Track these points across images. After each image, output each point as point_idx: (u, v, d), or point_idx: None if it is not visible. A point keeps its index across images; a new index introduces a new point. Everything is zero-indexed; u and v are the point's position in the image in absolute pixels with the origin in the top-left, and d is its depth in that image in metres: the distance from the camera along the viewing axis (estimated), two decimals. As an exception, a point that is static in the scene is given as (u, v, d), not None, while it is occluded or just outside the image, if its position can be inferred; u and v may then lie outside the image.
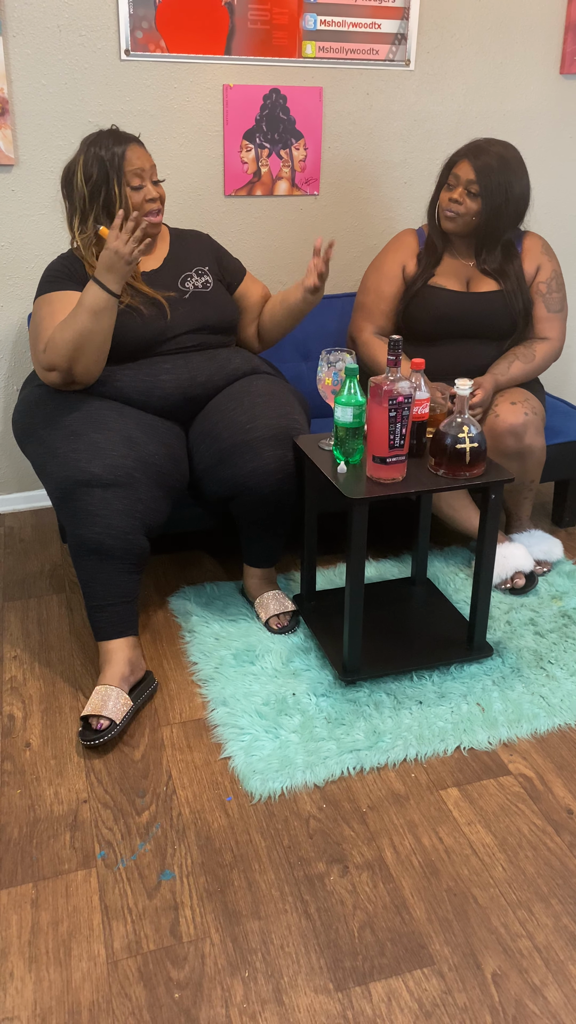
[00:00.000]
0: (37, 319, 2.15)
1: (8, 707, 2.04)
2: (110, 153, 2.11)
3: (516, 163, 2.39)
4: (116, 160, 2.11)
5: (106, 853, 1.66)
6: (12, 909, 1.55)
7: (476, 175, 2.36)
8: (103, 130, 2.17)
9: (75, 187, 2.14)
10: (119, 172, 2.11)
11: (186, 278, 2.27)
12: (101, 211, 2.14)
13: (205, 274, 2.30)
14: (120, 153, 2.11)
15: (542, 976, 1.44)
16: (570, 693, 2.08)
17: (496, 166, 2.36)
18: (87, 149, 2.13)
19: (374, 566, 2.60)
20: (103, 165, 2.11)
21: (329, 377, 2.03)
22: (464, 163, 2.38)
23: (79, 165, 2.13)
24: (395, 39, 2.79)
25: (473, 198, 2.39)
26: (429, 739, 1.93)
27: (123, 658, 2.02)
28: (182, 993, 1.41)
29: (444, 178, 2.46)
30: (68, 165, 2.18)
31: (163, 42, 2.58)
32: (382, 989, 1.42)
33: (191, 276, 2.28)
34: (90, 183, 2.12)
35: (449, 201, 2.42)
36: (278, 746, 1.90)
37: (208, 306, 2.26)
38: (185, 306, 2.23)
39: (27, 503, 2.99)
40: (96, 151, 2.12)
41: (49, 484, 2.04)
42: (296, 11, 2.67)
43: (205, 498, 2.25)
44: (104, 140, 2.13)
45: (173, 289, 2.24)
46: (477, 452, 1.94)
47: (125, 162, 2.11)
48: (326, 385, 2.05)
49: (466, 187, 2.38)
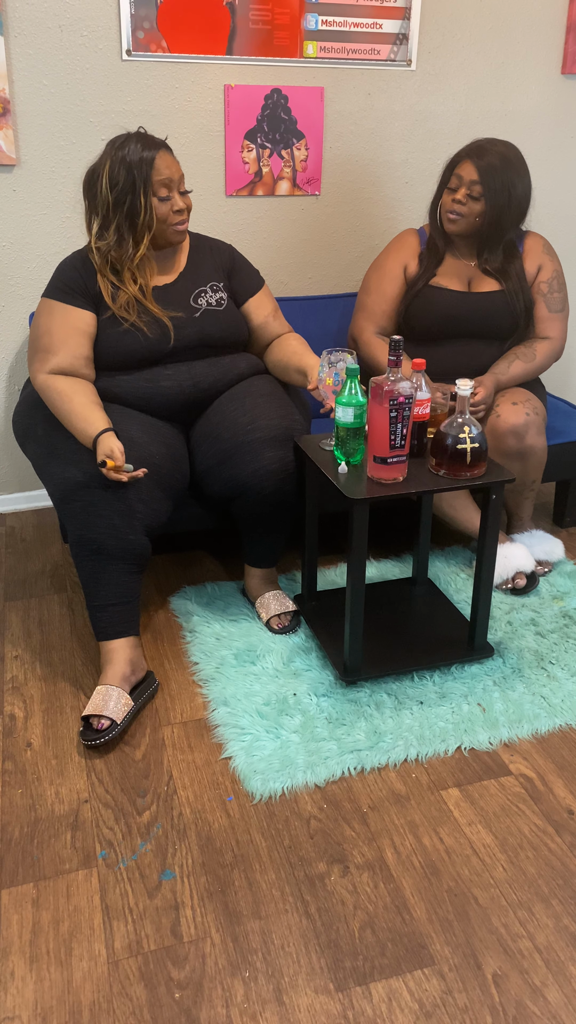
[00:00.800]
0: (36, 326, 2.14)
1: (9, 707, 2.05)
2: (138, 160, 2.02)
3: (518, 162, 2.39)
4: (144, 169, 2.03)
5: (107, 853, 1.66)
6: (13, 909, 1.55)
7: (479, 176, 2.35)
8: (130, 133, 2.08)
9: (99, 193, 2.06)
10: (146, 182, 2.03)
11: (200, 294, 2.22)
12: (124, 220, 2.06)
13: (220, 290, 2.25)
14: (148, 160, 2.03)
15: (543, 977, 1.44)
16: (571, 693, 2.08)
17: (499, 166, 2.35)
18: (114, 153, 2.04)
19: (375, 566, 2.60)
20: (130, 173, 2.02)
21: (330, 377, 2.03)
22: (467, 164, 2.37)
23: (104, 170, 2.04)
24: (396, 39, 2.79)
25: (476, 199, 2.38)
26: (430, 739, 1.93)
27: (124, 658, 2.02)
28: (183, 993, 1.42)
29: (446, 179, 2.45)
30: (93, 168, 2.08)
31: (164, 42, 2.58)
32: (383, 989, 1.42)
33: (205, 292, 2.23)
34: (115, 190, 2.03)
35: (452, 202, 2.42)
36: (279, 746, 1.90)
37: (217, 325, 2.22)
38: (194, 325, 2.18)
39: (28, 503, 2.99)
40: (123, 156, 2.03)
41: (50, 484, 2.04)
42: (297, 11, 2.67)
43: (206, 498, 2.25)
44: (132, 145, 2.04)
45: (184, 306, 2.19)
46: (478, 452, 1.94)
47: (153, 171, 2.03)
48: (327, 385, 2.05)
49: (469, 188, 2.38)
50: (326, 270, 3.04)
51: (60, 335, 2.09)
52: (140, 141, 2.06)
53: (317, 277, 3.03)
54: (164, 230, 2.11)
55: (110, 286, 2.13)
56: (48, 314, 2.12)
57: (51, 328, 2.10)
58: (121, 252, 2.10)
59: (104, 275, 2.13)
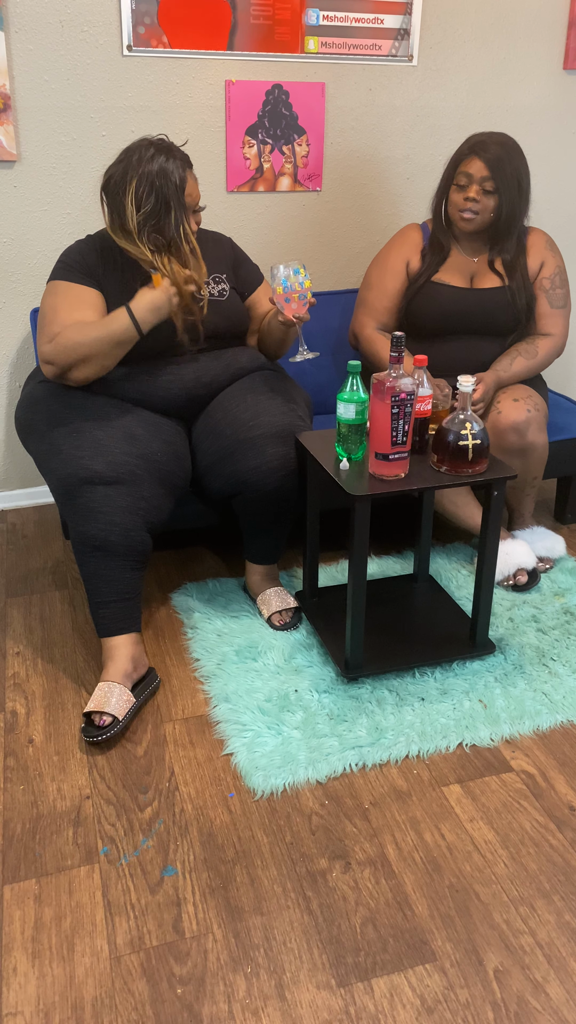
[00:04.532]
0: (44, 307, 2.14)
1: (11, 703, 2.05)
2: (166, 180, 1.99)
3: (516, 150, 2.39)
4: (178, 193, 2.01)
5: (109, 849, 1.67)
6: (15, 905, 1.56)
7: (490, 170, 2.33)
8: (157, 144, 2.03)
9: (125, 208, 2.02)
10: (179, 203, 2.01)
11: (204, 285, 2.22)
12: (151, 231, 2.03)
13: (222, 281, 2.26)
14: (178, 183, 2.01)
15: (544, 972, 1.45)
16: (572, 690, 2.08)
17: (505, 157, 2.35)
18: (138, 169, 1.99)
19: (376, 563, 2.60)
20: (159, 194, 2.00)
21: (280, 287, 2.07)
22: (474, 161, 2.35)
23: (130, 189, 2.00)
24: (398, 34, 2.79)
25: (489, 195, 2.37)
26: (431, 735, 1.94)
27: (126, 654, 2.02)
28: (184, 988, 1.42)
29: (450, 177, 2.43)
30: (113, 179, 2.03)
31: (165, 37, 2.58)
32: (384, 985, 1.43)
33: (209, 283, 2.23)
34: (141, 211, 2.00)
35: (465, 201, 2.39)
36: (280, 742, 1.90)
37: (222, 316, 2.23)
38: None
39: (30, 499, 2.99)
40: (150, 175, 1.99)
41: (52, 481, 2.04)
42: (298, 6, 2.66)
43: (208, 495, 2.25)
44: (159, 160, 2.00)
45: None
46: (480, 449, 1.94)
47: (186, 195, 2.03)
48: (279, 295, 2.08)
49: (481, 184, 2.36)
50: (327, 266, 3.03)
51: (65, 309, 2.09)
52: (165, 154, 2.02)
53: (318, 273, 3.03)
54: None
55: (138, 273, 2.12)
56: (52, 294, 2.13)
57: (56, 305, 2.10)
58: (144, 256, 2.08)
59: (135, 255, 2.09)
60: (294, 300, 2.08)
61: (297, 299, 2.08)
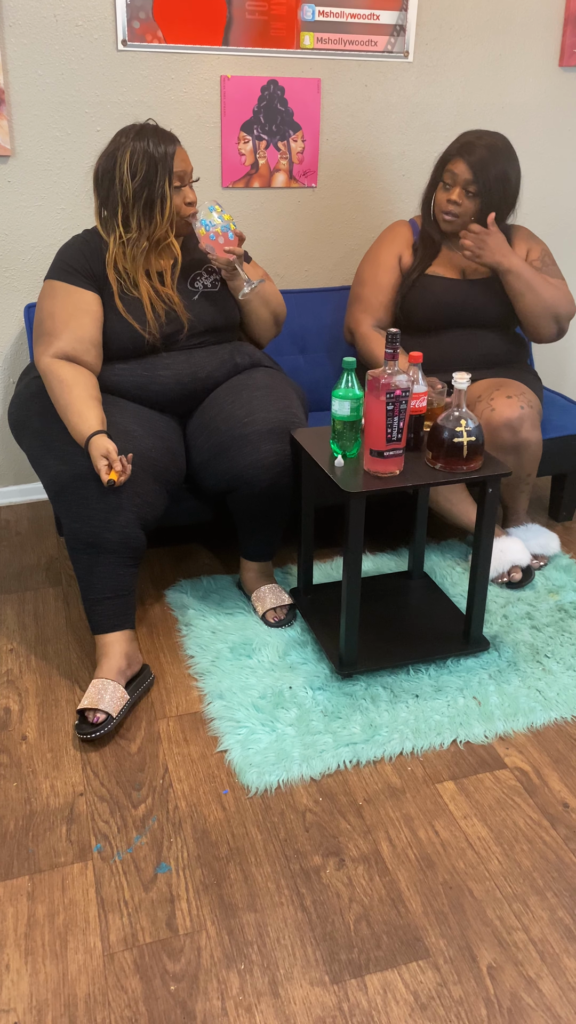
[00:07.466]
0: (42, 309, 2.13)
1: (4, 700, 2.04)
2: (160, 152, 2.03)
3: (507, 150, 2.39)
4: (168, 160, 2.04)
5: (102, 846, 1.66)
6: (8, 902, 1.55)
7: (473, 174, 2.35)
8: (145, 125, 2.08)
9: (116, 183, 2.04)
10: (169, 172, 2.04)
11: (196, 277, 2.23)
12: (143, 211, 2.06)
13: (214, 272, 2.27)
14: (170, 153, 2.04)
15: (537, 969, 1.45)
16: (566, 687, 2.09)
17: (490, 159, 2.35)
18: (132, 144, 2.03)
19: (371, 560, 2.60)
20: (152, 163, 2.03)
21: (203, 229, 2.10)
22: (459, 162, 2.37)
23: (124, 160, 2.03)
24: (394, 30, 2.78)
25: (472, 198, 2.38)
26: (425, 732, 1.94)
27: (120, 651, 2.01)
28: (178, 985, 1.42)
29: (438, 175, 2.45)
30: (105, 160, 2.07)
31: (160, 32, 2.57)
32: (378, 982, 1.43)
33: (201, 275, 2.24)
34: (135, 180, 2.03)
35: (447, 203, 2.41)
36: (275, 739, 1.90)
37: (215, 308, 2.23)
38: (192, 309, 2.20)
39: (23, 496, 2.98)
40: (142, 147, 2.03)
41: (45, 477, 2.04)
42: (294, 2, 2.65)
43: (202, 491, 2.24)
44: (148, 136, 2.04)
45: (182, 291, 2.20)
46: (474, 446, 1.94)
47: (173, 163, 2.05)
48: (204, 237, 2.11)
49: (464, 187, 2.37)
50: (322, 262, 3.03)
51: (63, 317, 2.09)
52: (155, 133, 2.06)
53: (313, 269, 3.03)
54: (175, 221, 2.12)
55: (122, 273, 2.12)
56: (51, 296, 2.12)
57: (54, 310, 2.10)
58: (138, 241, 2.09)
59: (116, 264, 2.11)
60: (221, 237, 2.08)
61: (223, 235, 2.08)
